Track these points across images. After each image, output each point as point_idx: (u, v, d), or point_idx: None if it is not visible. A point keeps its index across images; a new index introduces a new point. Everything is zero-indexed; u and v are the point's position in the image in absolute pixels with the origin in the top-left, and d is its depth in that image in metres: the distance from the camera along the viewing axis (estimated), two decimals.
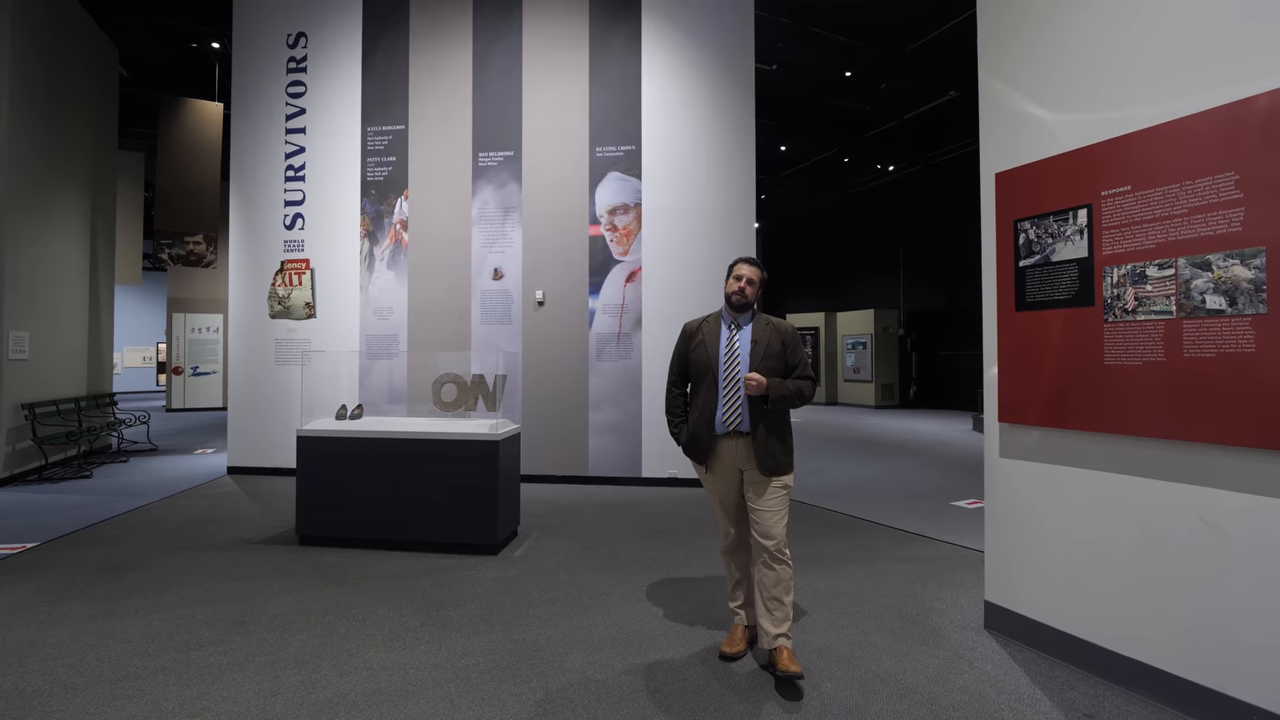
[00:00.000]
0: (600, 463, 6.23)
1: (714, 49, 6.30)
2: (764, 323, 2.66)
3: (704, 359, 2.65)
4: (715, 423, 2.59)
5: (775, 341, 2.60)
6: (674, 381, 2.79)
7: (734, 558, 2.72)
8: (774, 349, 2.59)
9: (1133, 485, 2.34)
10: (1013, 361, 2.75)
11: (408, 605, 3.15)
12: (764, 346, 2.59)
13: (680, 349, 2.76)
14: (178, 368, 13.62)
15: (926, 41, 9.47)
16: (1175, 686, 2.19)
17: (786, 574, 2.51)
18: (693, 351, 2.69)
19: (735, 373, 2.58)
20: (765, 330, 2.62)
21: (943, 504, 5.38)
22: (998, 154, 2.86)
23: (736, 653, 2.63)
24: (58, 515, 4.93)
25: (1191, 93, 2.17)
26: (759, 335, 2.61)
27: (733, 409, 2.56)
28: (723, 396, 2.58)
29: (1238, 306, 2.03)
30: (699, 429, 2.62)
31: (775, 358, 2.58)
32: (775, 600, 2.49)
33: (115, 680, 2.41)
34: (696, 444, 2.63)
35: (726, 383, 2.58)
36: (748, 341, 2.61)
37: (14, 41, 6.08)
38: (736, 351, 2.60)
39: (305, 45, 6.72)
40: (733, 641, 2.67)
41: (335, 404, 4.89)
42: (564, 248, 6.37)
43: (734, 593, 2.75)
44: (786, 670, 2.36)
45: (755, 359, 2.57)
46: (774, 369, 2.56)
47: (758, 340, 2.60)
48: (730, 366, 2.59)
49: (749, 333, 2.63)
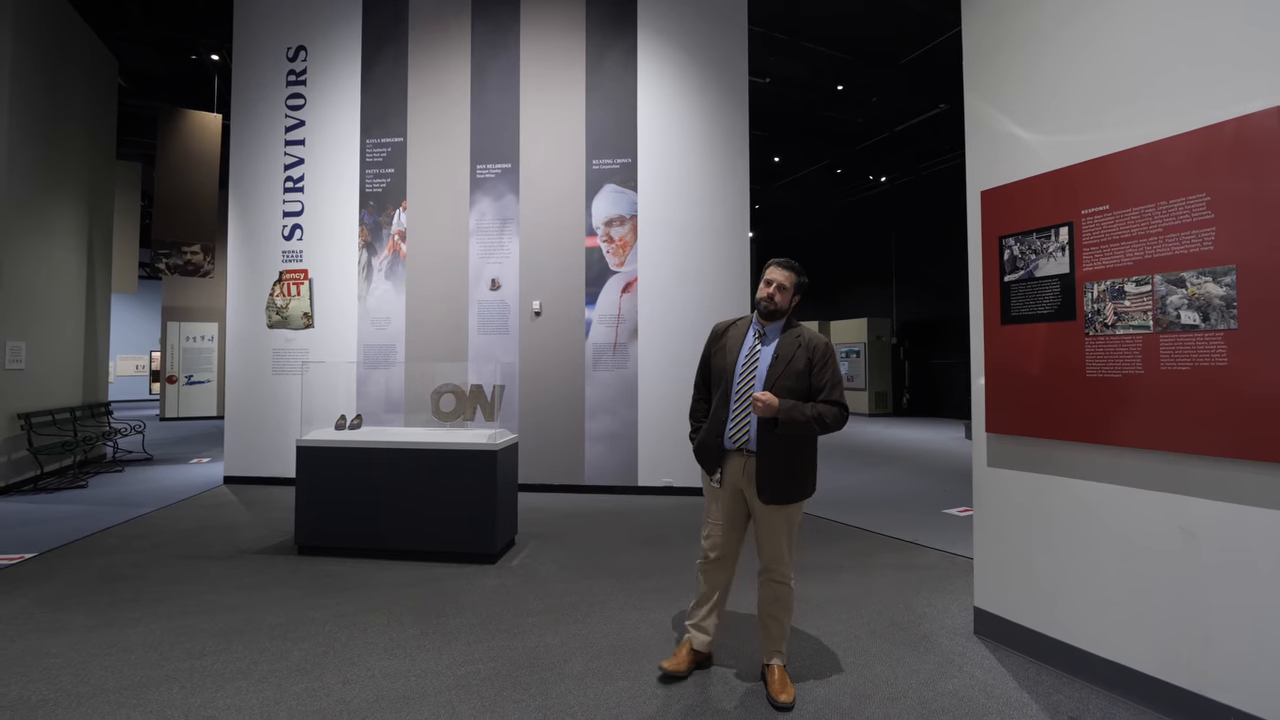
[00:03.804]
0: (596, 472, 6.28)
1: (708, 63, 6.42)
2: (794, 336, 2.42)
3: (722, 366, 2.48)
4: (724, 436, 2.44)
5: (800, 359, 2.37)
6: (698, 384, 2.62)
7: (709, 575, 2.55)
8: (796, 367, 2.36)
9: (1114, 494, 2.42)
10: (999, 373, 2.83)
11: (407, 614, 3.19)
12: (785, 363, 2.37)
13: (705, 350, 2.59)
14: (172, 376, 13.58)
15: (916, 56, 9.65)
16: (1156, 689, 2.26)
17: (785, 594, 2.43)
18: (714, 355, 2.54)
19: (748, 387, 2.39)
20: (791, 345, 2.39)
21: (934, 511, 5.46)
22: (983, 172, 2.96)
23: (676, 670, 2.48)
24: (54, 525, 4.94)
25: (1166, 117, 2.27)
26: (783, 350, 2.39)
27: (740, 426, 2.39)
28: (733, 410, 2.41)
29: (1210, 322, 2.12)
30: (709, 439, 2.47)
31: (796, 377, 2.35)
32: (772, 617, 2.46)
33: (120, 689, 2.44)
34: (705, 452, 2.48)
35: (738, 397, 2.41)
36: (770, 355, 2.41)
37: (15, 51, 6.13)
38: (756, 364, 2.41)
39: (305, 58, 6.80)
40: (676, 660, 2.52)
41: (333, 414, 4.93)
42: (561, 259, 6.45)
43: (695, 610, 2.58)
44: (775, 699, 2.32)
45: (772, 376, 2.36)
46: (793, 389, 2.34)
47: (780, 355, 2.38)
48: (745, 380, 2.41)
49: (774, 346, 2.42)
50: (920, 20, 8.60)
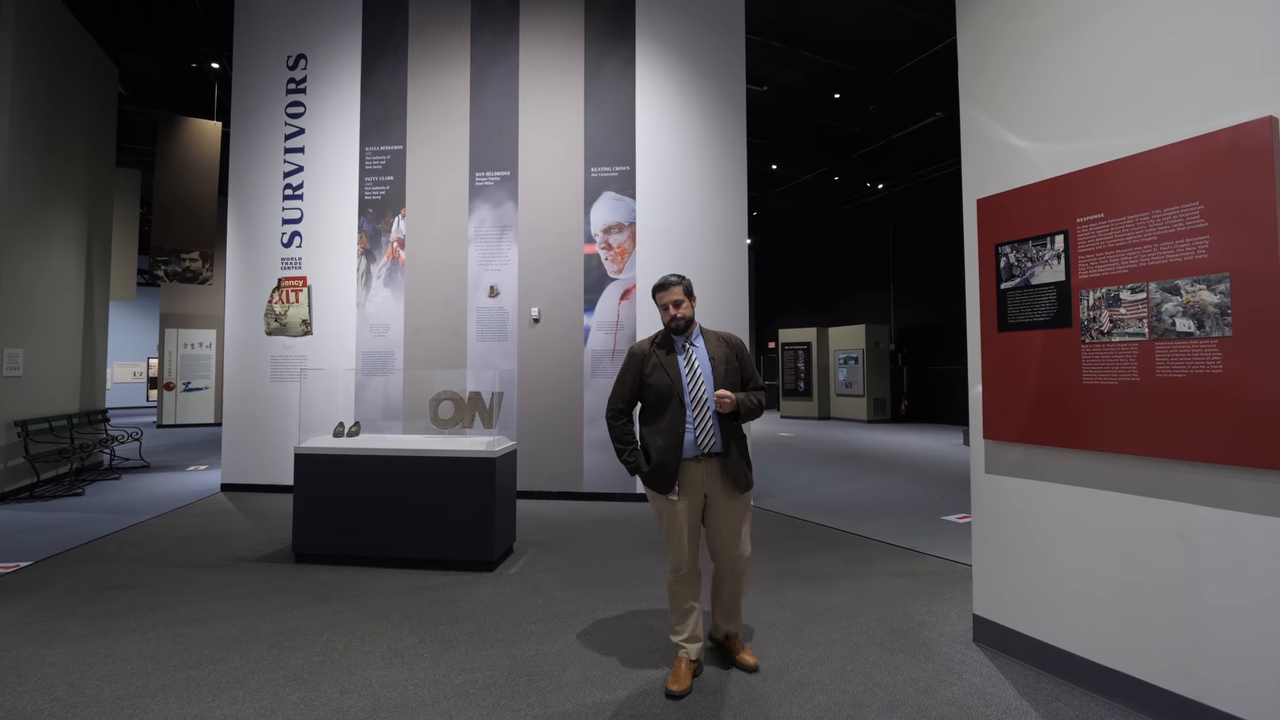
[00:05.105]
0: (595, 479, 6.27)
1: (706, 71, 6.46)
2: (715, 338, 2.66)
3: (664, 382, 2.55)
4: (685, 447, 2.51)
5: (731, 357, 2.62)
6: (622, 409, 2.67)
7: (687, 587, 2.58)
8: (732, 364, 2.60)
9: (1111, 501, 2.42)
10: (996, 380, 2.84)
11: (405, 622, 3.18)
12: (723, 362, 2.59)
13: (632, 374, 2.64)
14: (170, 383, 13.56)
15: (912, 65, 9.73)
16: (1154, 696, 2.26)
17: (749, 568, 2.70)
18: (649, 376, 2.59)
19: (701, 393, 2.52)
20: (719, 346, 2.62)
21: (933, 518, 5.46)
22: (979, 181, 2.98)
23: (683, 690, 2.45)
24: (51, 533, 4.92)
25: (1159, 126, 2.29)
26: (715, 352, 2.60)
27: (705, 431, 2.50)
28: (691, 419, 2.51)
29: (1205, 329, 2.13)
30: (665, 457, 2.51)
31: (735, 373, 2.61)
32: (736, 595, 2.69)
33: (116, 699, 2.43)
34: (664, 471, 2.52)
35: (694, 404, 2.51)
36: (706, 360, 2.59)
37: (16, 58, 6.16)
38: (698, 371, 2.55)
39: (305, 67, 6.83)
40: (678, 678, 2.50)
41: (331, 421, 4.93)
42: (559, 266, 6.46)
43: (680, 625, 2.59)
44: (745, 663, 2.63)
45: (718, 376, 2.56)
46: (735, 384, 2.59)
47: (715, 357, 2.59)
48: (695, 387, 2.53)
49: (704, 350, 2.61)
50: (916, 29, 8.68)
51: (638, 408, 2.73)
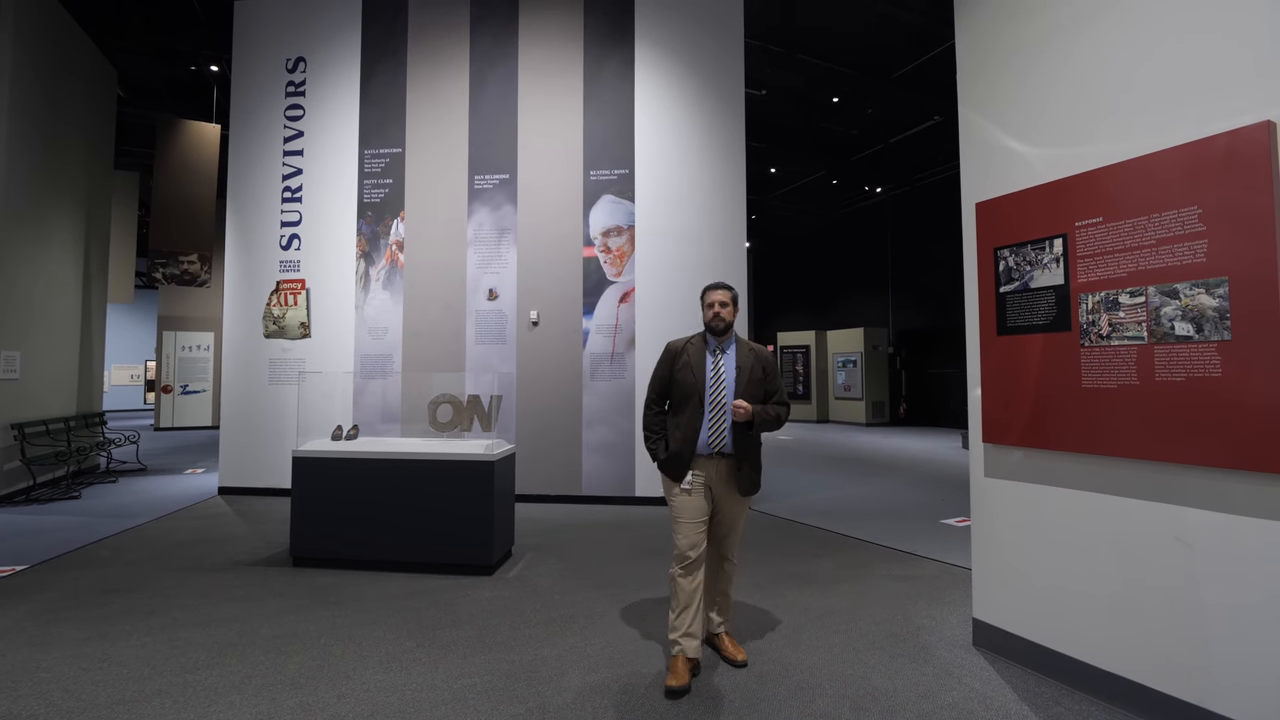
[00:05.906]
0: (594, 482, 6.26)
1: (705, 75, 6.47)
2: (746, 349, 2.78)
3: (690, 380, 2.71)
4: (699, 443, 2.67)
5: (758, 369, 2.73)
6: (654, 399, 2.84)
7: (690, 576, 2.62)
8: (756, 375, 2.72)
9: (1110, 504, 2.42)
10: (995, 384, 2.84)
11: (403, 626, 3.17)
12: (748, 373, 2.70)
13: (664, 369, 2.81)
14: (167, 386, 13.53)
15: (911, 69, 9.76)
16: (1154, 700, 2.26)
17: (735, 571, 2.87)
18: (678, 372, 2.75)
19: (721, 397, 2.67)
20: (748, 357, 2.75)
21: (932, 522, 5.45)
22: (978, 185, 2.98)
23: (682, 686, 2.47)
24: (47, 537, 4.89)
25: (1157, 131, 2.30)
26: (743, 362, 2.73)
27: (717, 432, 2.66)
28: (708, 419, 2.66)
29: (1204, 333, 2.13)
30: (682, 448, 2.67)
31: (758, 384, 2.72)
32: (725, 595, 2.85)
33: (111, 704, 2.42)
34: (679, 461, 2.67)
35: (712, 406, 2.67)
36: (732, 367, 2.72)
37: (15, 60, 6.15)
38: (722, 377, 2.70)
39: (304, 70, 6.83)
40: (677, 675, 2.51)
41: (329, 424, 4.92)
42: (558, 269, 6.46)
43: (678, 619, 2.61)
44: (735, 659, 2.73)
45: (740, 385, 2.68)
46: (756, 395, 2.70)
47: (742, 366, 2.71)
48: (716, 391, 2.68)
49: (733, 358, 2.74)
50: (915, 33, 8.71)
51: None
